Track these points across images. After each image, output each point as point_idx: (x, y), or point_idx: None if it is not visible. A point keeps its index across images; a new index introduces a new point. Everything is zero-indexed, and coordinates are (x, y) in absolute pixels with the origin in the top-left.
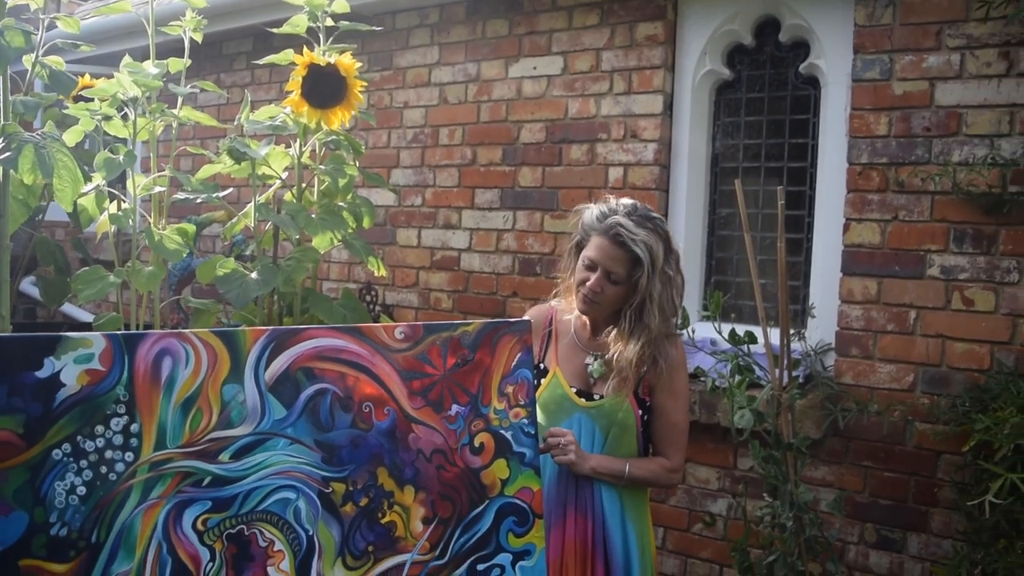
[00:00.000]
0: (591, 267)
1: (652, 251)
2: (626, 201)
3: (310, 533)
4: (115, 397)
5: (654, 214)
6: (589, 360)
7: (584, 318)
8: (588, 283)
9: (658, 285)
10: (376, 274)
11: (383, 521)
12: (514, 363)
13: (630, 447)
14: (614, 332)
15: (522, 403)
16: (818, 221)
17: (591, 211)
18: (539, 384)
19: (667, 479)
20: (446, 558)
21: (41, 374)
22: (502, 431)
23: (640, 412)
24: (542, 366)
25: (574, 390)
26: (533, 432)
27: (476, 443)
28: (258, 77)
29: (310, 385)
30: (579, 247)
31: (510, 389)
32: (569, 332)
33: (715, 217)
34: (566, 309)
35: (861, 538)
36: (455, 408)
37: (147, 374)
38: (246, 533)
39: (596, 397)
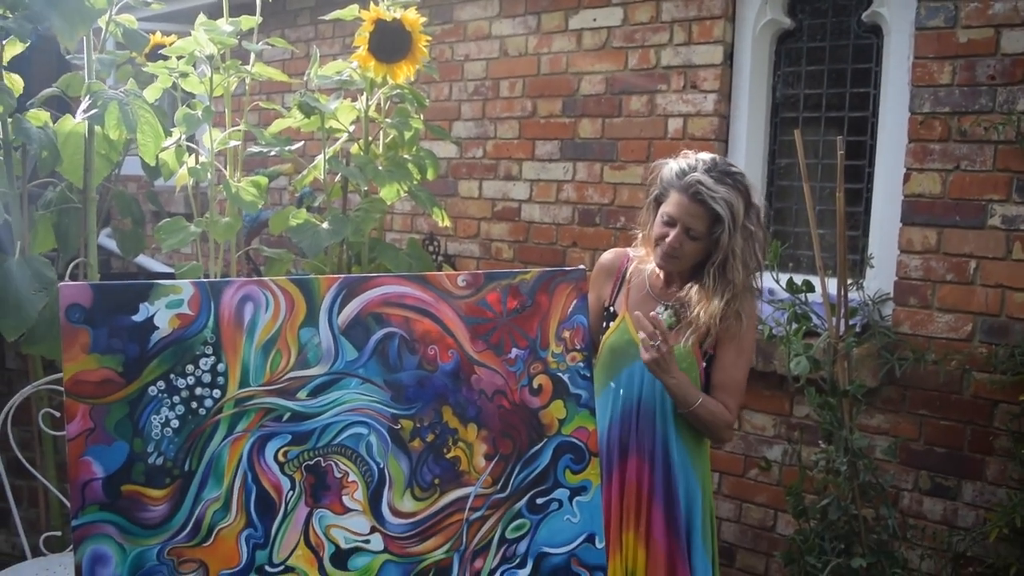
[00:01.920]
0: (670, 223)
1: (732, 207)
2: (705, 156)
3: (381, 466)
4: (203, 339)
5: (734, 169)
6: (659, 310)
7: (659, 270)
8: (667, 239)
9: (740, 241)
10: (439, 224)
11: (448, 456)
12: (570, 309)
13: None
14: (695, 288)
15: (578, 347)
16: (878, 171)
17: (670, 167)
18: (607, 327)
19: (723, 430)
20: (507, 492)
21: (137, 318)
22: (559, 373)
23: (704, 365)
24: (611, 309)
25: (641, 336)
26: (589, 375)
27: (535, 384)
28: (321, 32)
29: (379, 329)
30: (657, 202)
31: (567, 334)
32: (642, 280)
33: (774, 167)
34: (643, 258)
35: (915, 485)
36: (515, 351)
37: (231, 318)
38: (323, 464)
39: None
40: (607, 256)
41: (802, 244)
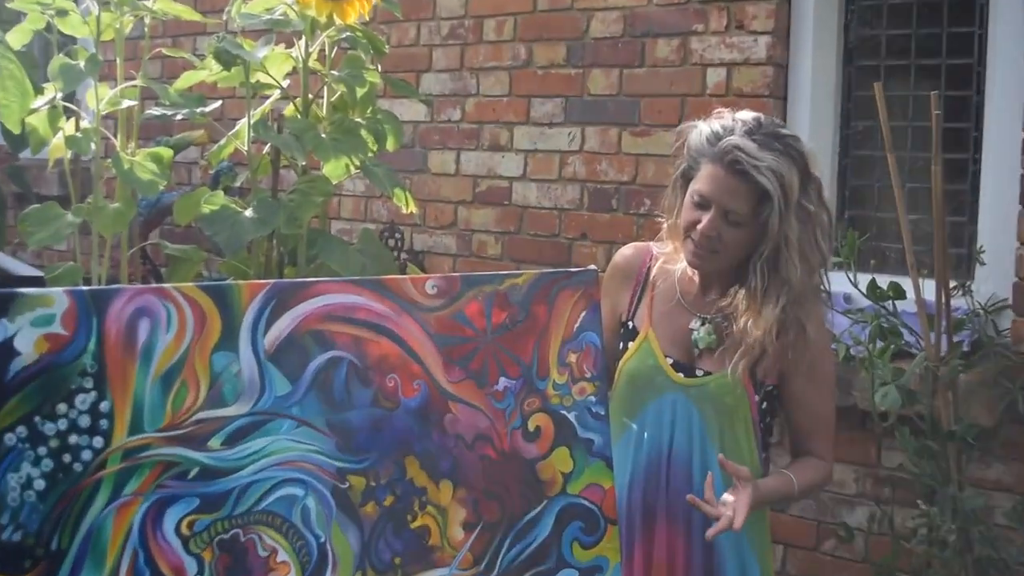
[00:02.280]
0: (702, 204)
1: (783, 180)
2: (746, 115)
3: (321, 540)
4: (81, 368)
5: (784, 130)
6: (695, 324)
7: (692, 270)
8: (700, 226)
9: (795, 225)
10: (403, 211)
11: (413, 525)
12: (577, 324)
13: (740, 443)
14: (741, 293)
15: (589, 376)
16: (988, 136)
17: (699, 130)
18: (625, 348)
19: (823, 485)
20: (494, 574)
21: None
22: (564, 411)
23: (756, 398)
24: (631, 324)
25: (670, 361)
26: (603, 413)
27: (531, 427)
28: None
29: (321, 353)
30: (685, 178)
31: (573, 358)
32: (671, 285)
33: (848, 132)
34: (670, 256)
35: None
36: (503, 382)
37: (120, 339)
38: (242, 539)
39: (699, 373)
40: (624, 253)
41: (888, 235)
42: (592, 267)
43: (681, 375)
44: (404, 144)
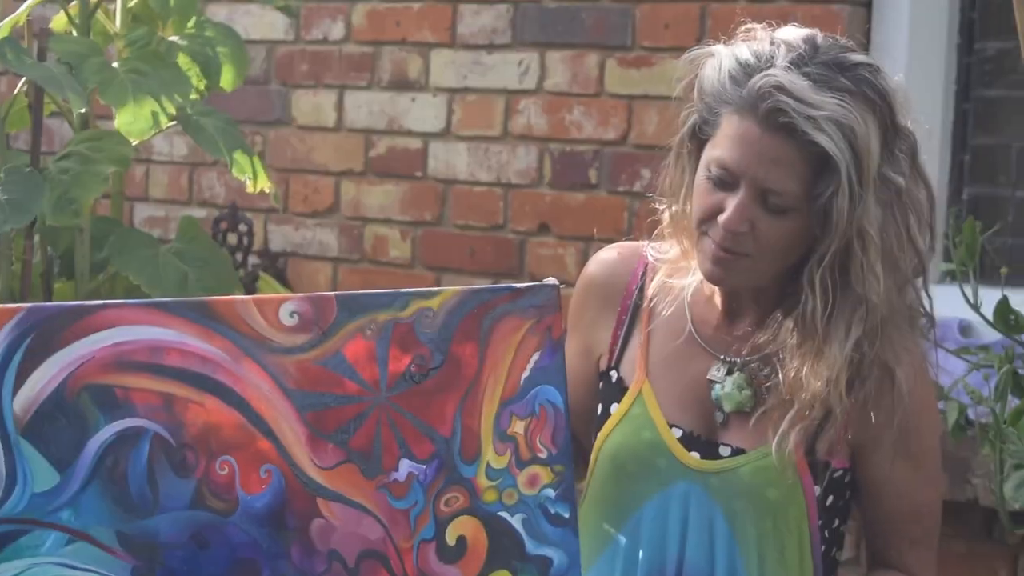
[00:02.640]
0: (724, 181)
1: (855, 139)
2: (792, 34)
3: None
4: None
5: (856, 57)
6: (717, 373)
7: (711, 287)
8: (722, 216)
9: (875, 210)
10: (250, 189)
11: None
12: (527, 374)
13: (789, 563)
14: (789, 321)
15: (545, 456)
16: None
17: (717, 62)
18: (606, 413)
19: None
20: None
21: None
22: (504, 514)
23: (817, 489)
24: (615, 375)
25: (679, 434)
26: (569, 515)
27: (450, 538)
28: None
29: (108, 423)
30: (697, 140)
31: (520, 427)
32: (679, 312)
33: (971, 60)
34: (676, 264)
35: None
36: (406, 467)
37: None
38: None
39: (725, 452)
40: (603, 260)
41: None
42: (551, 280)
43: (696, 455)
44: (252, 79)
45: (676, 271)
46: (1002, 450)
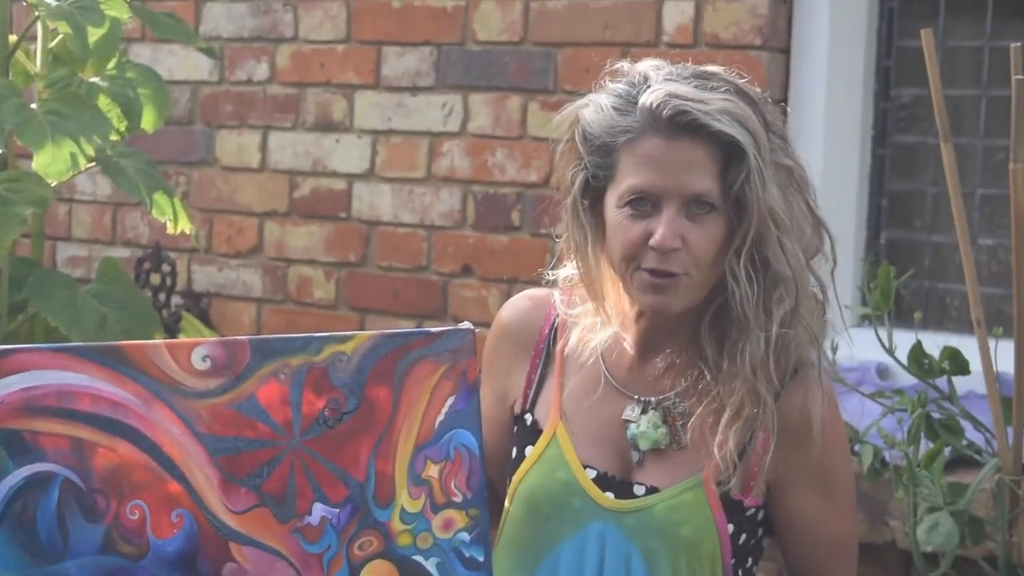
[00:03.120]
0: (641, 207)
1: (748, 123)
2: (651, 64)
3: None
4: None
5: (712, 68)
6: (632, 413)
7: (628, 324)
8: (655, 238)
9: (778, 194)
10: (171, 230)
11: None
12: (441, 418)
13: None
14: (712, 340)
15: (460, 500)
16: None
17: (596, 105)
18: (521, 456)
19: None
20: None
21: None
22: (419, 558)
23: (730, 526)
24: (529, 418)
25: (593, 475)
26: (483, 559)
27: None
28: None
29: (16, 467)
30: (592, 193)
31: (434, 471)
32: (591, 354)
33: (886, 107)
34: (583, 320)
35: None
36: (320, 511)
37: None
38: None
39: (640, 491)
40: (517, 307)
41: (943, 270)
42: (466, 324)
43: (611, 495)
44: (176, 120)
45: (588, 327)
46: (915, 493)
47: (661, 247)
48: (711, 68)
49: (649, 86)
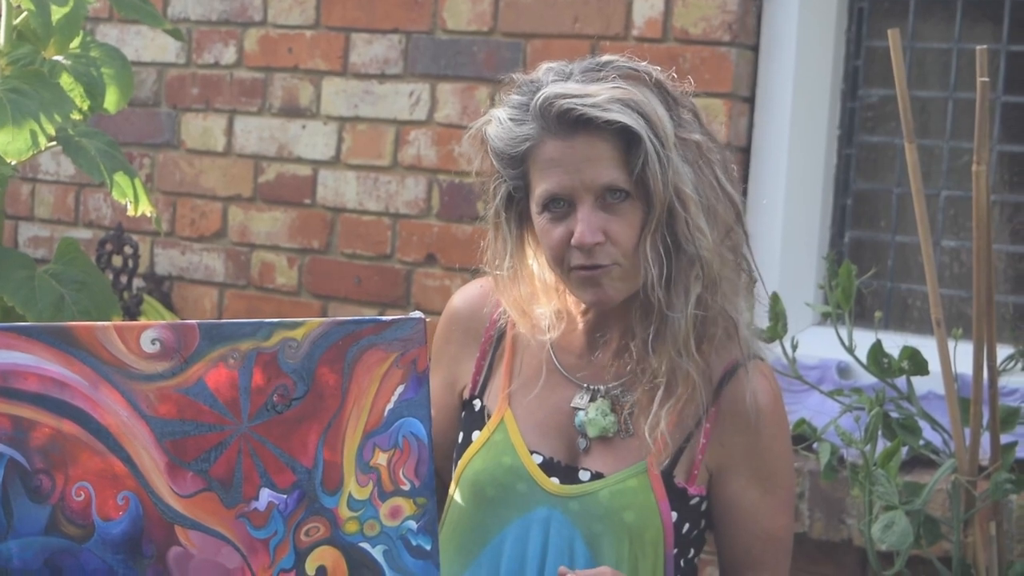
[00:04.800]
0: (558, 208)
1: (642, 108)
2: (544, 68)
3: None
4: None
5: (607, 57)
6: (580, 400)
7: (576, 316)
8: (576, 235)
9: (683, 169)
10: (131, 212)
11: None
12: (391, 406)
13: None
14: (637, 314)
15: (408, 488)
16: None
17: (495, 119)
18: (468, 441)
19: None
20: None
21: None
22: (365, 544)
23: (674, 514)
24: (477, 404)
25: (539, 460)
26: (430, 547)
27: (310, 568)
28: None
29: None
30: (515, 206)
31: (383, 459)
32: (542, 344)
33: (854, 107)
34: (540, 323)
35: None
36: (267, 496)
37: None
38: None
39: (585, 477)
40: (467, 295)
41: (907, 270)
42: (417, 313)
43: (556, 480)
44: (141, 102)
45: (539, 329)
46: (871, 492)
47: (581, 244)
48: (605, 57)
49: (537, 90)
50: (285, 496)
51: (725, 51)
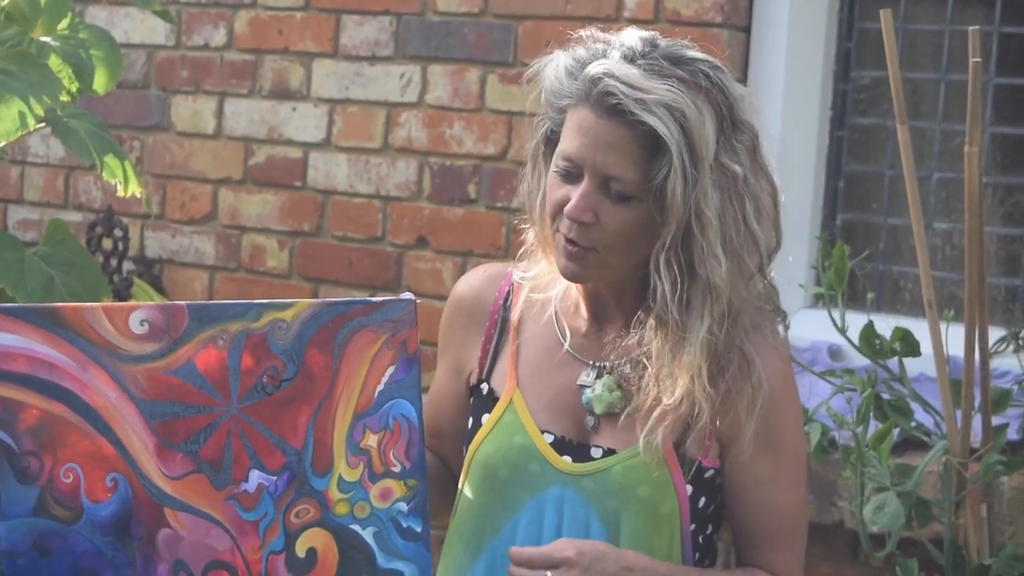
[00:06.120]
0: (570, 173)
1: (687, 121)
2: (631, 35)
3: None
4: None
5: (694, 54)
6: (587, 378)
7: (576, 290)
8: (569, 206)
9: (712, 194)
10: (121, 193)
11: None
12: (381, 387)
13: (660, 556)
14: (647, 320)
15: (398, 470)
16: None
17: (556, 63)
18: (478, 424)
19: None
20: None
21: None
22: (356, 527)
23: (689, 488)
24: (485, 388)
25: (550, 439)
26: (421, 529)
27: (300, 550)
28: None
29: None
30: (550, 145)
31: (373, 441)
32: (547, 324)
33: (846, 89)
34: (540, 280)
35: None
36: (257, 478)
37: None
38: None
39: (596, 454)
40: (470, 283)
41: (898, 253)
42: (408, 295)
43: (568, 459)
44: (131, 83)
45: (540, 286)
46: (863, 473)
47: (570, 216)
48: (691, 53)
49: (601, 57)
50: (275, 478)
51: (717, 32)
